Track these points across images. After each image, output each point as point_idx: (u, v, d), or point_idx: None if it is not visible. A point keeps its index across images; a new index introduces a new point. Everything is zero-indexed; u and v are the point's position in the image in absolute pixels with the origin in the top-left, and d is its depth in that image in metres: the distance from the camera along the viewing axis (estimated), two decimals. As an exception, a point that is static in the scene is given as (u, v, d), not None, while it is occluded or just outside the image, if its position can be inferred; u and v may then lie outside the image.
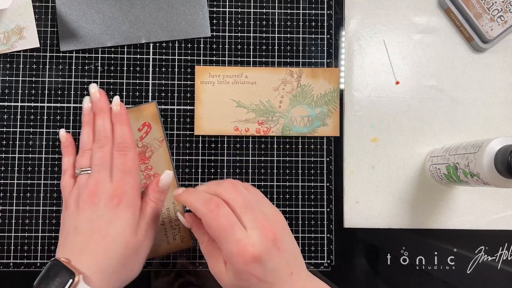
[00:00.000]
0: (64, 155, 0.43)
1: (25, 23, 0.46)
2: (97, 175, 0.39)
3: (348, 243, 0.48)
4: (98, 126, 0.41)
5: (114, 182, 0.39)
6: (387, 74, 0.49)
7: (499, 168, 0.36)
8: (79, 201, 0.38)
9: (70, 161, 0.42)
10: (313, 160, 0.48)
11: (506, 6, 0.47)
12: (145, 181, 0.45)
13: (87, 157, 0.41)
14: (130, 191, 0.39)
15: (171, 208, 0.46)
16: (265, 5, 0.48)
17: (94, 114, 0.43)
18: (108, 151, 0.40)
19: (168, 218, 0.46)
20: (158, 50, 0.48)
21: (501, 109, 0.49)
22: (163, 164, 0.46)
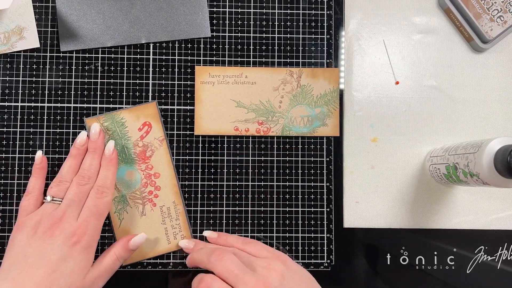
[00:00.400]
0: (33, 176, 0.43)
1: (25, 23, 0.46)
2: (66, 209, 0.39)
3: (348, 243, 0.48)
4: (86, 164, 0.42)
5: (79, 221, 0.39)
6: (387, 74, 0.49)
7: (499, 168, 0.36)
8: (38, 228, 0.38)
9: (37, 184, 0.42)
10: (313, 160, 0.48)
11: (506, 6, 0.47)
12: (146, 180, 0.45)
13: (62, 188, 0.41)
14: (91, 234, 0.39)
15: (171, 207, 0.46)
16: (265, 5, 0.48)
17: (85, 150, 0.43)
18: (86, 190, 0.41)
19: (168, 217, 0.45)
20: (158, 50, 0.48)
21: (501, 109, 0.49)
22: (164, 163, 0.46)
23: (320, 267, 0.47)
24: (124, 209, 0.45)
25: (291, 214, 0.47)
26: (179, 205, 0.46)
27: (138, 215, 0.45)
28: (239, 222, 0.47)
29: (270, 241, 0.47)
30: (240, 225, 0.47)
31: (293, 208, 0.47)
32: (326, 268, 0.47)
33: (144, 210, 0.45)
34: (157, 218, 0.46)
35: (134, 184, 0.45)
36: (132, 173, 0.45)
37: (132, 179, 0.45)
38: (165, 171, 0.46)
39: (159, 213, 0.46)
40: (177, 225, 0.46)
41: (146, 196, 0.45)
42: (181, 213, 0.46)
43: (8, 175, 0.46)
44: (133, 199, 0.45)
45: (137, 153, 0.46)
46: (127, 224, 0.45)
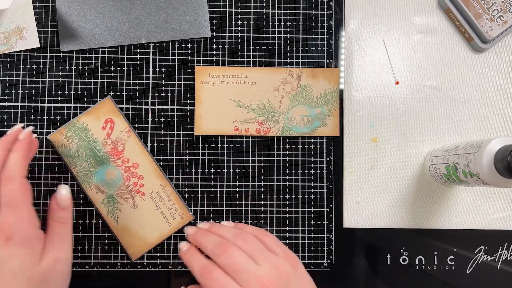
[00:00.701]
0: None
1: (25, 23, 0.46)
2: None
3: (348, 243, 0.48)
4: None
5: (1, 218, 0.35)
6: (387, 74, 0.49)
7: (499, 168, 0.36)
8: None
9: None
10: (313, 160, 0.48)
11: (506, 6, 0.47)
12: (126, 174, 0.45)
13: None
14: (19, 226, 0.35)
15: (160, 191, 0.46)
16: (265, 5, 0.48)
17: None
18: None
19: (161, 201, 0.46)
20: (158, 50, 0.48)
21: (501, 109, 0.49)
22: (138, 152, 0.46)
23: (320, 267, 0.47)
24: (116, 208, 0.45)
25: (291, 214, 0.47)
26: (167, 186, 0.46)
27: (131, 209, 0.46)
28: (239, 222, 0.47)
29: (270, 241, 0.47)
30: (240, 225, 0.47)
31: (293, 208, 0.47)
32: (326, 268, 0.47)
33: (135, 202, 0.46)
34: (150, 206, 0.46)
35: (117, 181, 0.45)
36: (111, 171, 0.45)
37: (113, 178, 0.45)
38: (142, 159, 0.46)
39: (150, 200, 0.46)
40: (171, 205, 0.46)
41: (132, 188, 0.46)
42: (171, 193, 0.46)
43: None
44: (121, 196, 0.45)
45: (109, 151, 0.45)
46: (123, 221, 0.45)
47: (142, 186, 0.46)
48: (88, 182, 0.45)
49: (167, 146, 0.47)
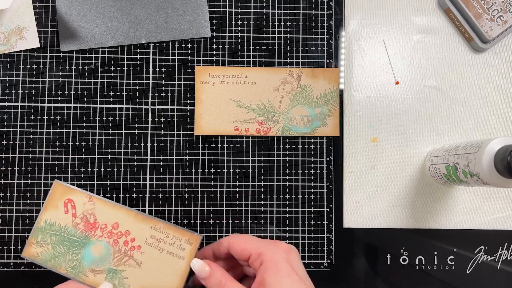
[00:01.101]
0: None
1: (25, 23, 0.46)
2: None
3: (348, 243, 0.48)
4: None
5: None
6: (387, 74, 0.49)
7: (499, 168, 0.36)
8: None
9: None
10: (313, 160, 0.48)
11: (506, 6, 0.47)
12: (112, 238, 0.42)
13: None
14: None
15: (154, 233, 0.42)
16: (265, 5, 0.48)
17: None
18: None
19: (161, 242, 0.42)
20: (158, 50, 0.48)
21: (501, 109, 0.49)
22: (110, 211, 0.42)
23: (320, 267, 0.47)
24: (122, 278, 0.41)
25: (291, 214, 0.47)
26: (157, 223, 0.42)
27: (137, 269, 0.41)
28: (239, 222, 0.47)
29: (270, 241, 0.47)
30: (240, 225, 0.47)
31: (293, 208, 0.47)
32: (326, 268, 0.47)
33: (136, 260, 0.41)
34: (153, 253, 0.41)
35: (107, 252, 0.41)
36: (96, 247, 0.41)
37: (101, 251, 0.41)
38: (118, 215, 0.42)
39: (150, 248, 0.42)
40: (172, 239, 0.42)
41: (126, 249, 0.41)
42: (165, 227, 0.42)
43: (8, 175, 0.46)
44: (119, 263, 0.41)
45: (83, 229, 0.42)
46: (137, 285, 0.41)
47: (133, 241, 0.41)
48: (81, 271, 0.41)
49: (167, 146, 0.47)
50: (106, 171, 0.47)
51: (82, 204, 0.42)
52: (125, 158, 0.47)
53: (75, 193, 0.42)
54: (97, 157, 0.47)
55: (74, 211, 0.41)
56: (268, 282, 0.35)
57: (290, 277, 0.35)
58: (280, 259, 0.36)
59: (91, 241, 0.41)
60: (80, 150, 0.47)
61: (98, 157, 0.47)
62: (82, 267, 0.41)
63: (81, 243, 0.41)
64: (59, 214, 0.42)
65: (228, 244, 0.39)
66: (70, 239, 0.41)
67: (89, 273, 0.41)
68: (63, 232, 0.42)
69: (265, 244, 0.37)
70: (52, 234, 0.41)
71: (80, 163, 0.46)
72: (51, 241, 0.41)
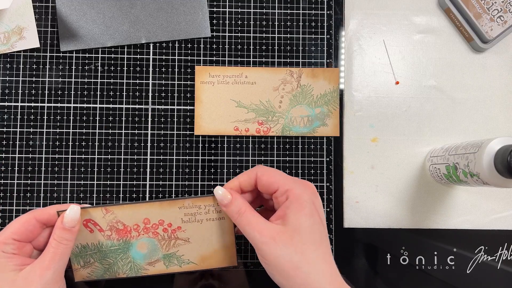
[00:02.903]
0: None
1: (25, 23, 0.46)
2: None
3: (348, 243, 0.48)
4: None
5: None
6: (387, 74, 0.49)
7: (499, 168, 0.36)
8: None
9: None
10: (313, 160, 0.48)
11: (506, 6, 0.47)
12: (150, 232, 0.41)
13: None
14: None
15: (183, 214, 0.41)
16: (265, 5, 0.48)
17: None
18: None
19: (196, 215, 0.41)
20: (158, 50, 0.48)
21: (501, 109, 0.49)
22: (132, 212, 0.40)
23: (320, 267, 0.47)
24: (179, 257, 0.42)
25: (291, 214, 0.47)
26: (184, 201, 0.40)
27: (189, 244, 0.42)
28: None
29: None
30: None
31: (293, 208, 0.47)
32: (326, 268, 0.47)
33: (183, 238, 0.41)
34: (196, 227, 0.41)
35: (153, 244, 0.41)
36: (140, 245, 0.41)
37: (148, 246, 0.41)
38: (143, 212, 0.41)
39: (190, 224, 0.41)
40: (205, 208, 0.41)
41: (169, 235, 0.41)
42: (192, 201, 0.40)
43: (8, 175, 0.46)
44: (169, 247, 0.41)
45: (117, 237, 0.41)
46: (195, 256, 0.42)
47: (171, 225, 0.41)
48: (139, 269, 0.42)
49: (167, 146, 0.47)
50: (106, 171, 0.47)
51: (102, 218, 0.40)
52: (125, 158, 0.47)
53: (88, 212, 0.40)
54: (97, 157, 0.47)
55: (99, 227, 0.40)
56: (289, 217, 0.35)
57: (312, 217, 0.35)
58: (306, 199, 0.36)
59: (132, 243, 0.41)
60: (80, 150, 0.47)
61: (98, 157, 0.47)
62: (138, 265, 0.42)
63: (124, 248, 0.41)
64: (85, 236, 0.40)
65: (256, 175, 0.38)
66: (111, 250, 0.41)
67: (148, 266, 0.42)
68: (100, 248, 0.41)
69: (293, 181, 0.37)
70: (92, 254, 0.41)
71: (80, 163, 0.46)
72: (94, 259, 0.41)
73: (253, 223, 0.36)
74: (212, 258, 0.42)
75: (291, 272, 0.34)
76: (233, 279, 0.47)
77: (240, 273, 0.47)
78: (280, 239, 0.35)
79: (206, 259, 0.42)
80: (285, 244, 0.34)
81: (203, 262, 0.42)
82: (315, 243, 0.35)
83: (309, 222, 0.35)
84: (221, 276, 0.47)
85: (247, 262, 0.47)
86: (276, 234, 0.35)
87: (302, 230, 0.35)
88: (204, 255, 0.42)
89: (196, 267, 0.42)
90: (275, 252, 0.34)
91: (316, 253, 0.35)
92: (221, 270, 0.46)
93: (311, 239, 0.35)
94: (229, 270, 0.47)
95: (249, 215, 0.37)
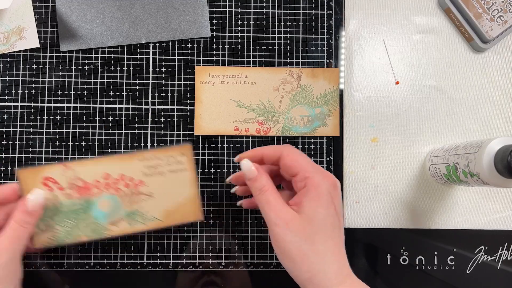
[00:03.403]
0: None
1: (25, 23, 0.46)
2: None
3: (348, 243, 0.47)
4: None
5: None
6: (387, 74, 0.49)
7: (499, 168, 0.36)
8: None
9: None
10: (313, 160, 0.48)
11: (506, 6, 0.47)
12: (112, 188, 0.40)
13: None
14: None
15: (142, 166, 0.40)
16: (265, 5, 0.48)
17: None
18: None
19: (156, 167, 0.40)
20: (158, 50, 0.48)
21: (501, 109, 0.49)
22: (92, 167, 0.40)
23: (320, 267, 0.47)
24: (142, 214, 0.41)
25: (291, 214, 0.47)
26: (144, 154, 0.40)
27: (152, 199, 0.41)
28: (239, 222, 0.47)
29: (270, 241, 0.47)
30: (240, 225, 0.47)
31: (293, 208, 0.47)
32: (326, 268, 0.47)
33: (146, 193, 0.41)
34: (158, 180, 0.41)
35: (115, 201, 0.40)
36: (101, 203, 0.40)
37: (110, 203, 0.40)
38: (103, 167, 0.40)
39: (152, 178, 0.41)
40: (167, 160, 0.40)
41: (130, 190, 0.40)
42: (153, 153, 0.40)
43: (8, 175, 0.46)
44: (132, 203, 0.41)
45: (78, 195, 0.40)
46: (158, 212, 0.41)
47: (132, 180, 0.40)
48: (102, 230, 0.41)
49: (167, 146, 0.47)
50: (106, 171, 0.47)
51: (62, 176, 0.39)
52: (125, 158, 0.47)
53: (47, 169, 0.39)
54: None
55: (59, 185, 0.39)
56: (304, 206, 0.35)
57: (327, 209, 0.35)
58: (324, 189, 0.36)
59: (93, 201, 0.40)
60: (80, 150, 0.47)
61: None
62: (101, 226, 0.40)
63: (86, 207, 0.40)
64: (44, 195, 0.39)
65: (281, 154, 0.38)
66: (72, 210, 0.40)
67: (111, 227, 0.40)
68: (60, 208, 0.39)
69: (314, 170, 0.37)
70: (52, 216, 0.39)
71: (80, 163, 0.46)
72: (55, 221, 0.40)
73: (272, 204, 0.36)
74: (176, 212, 0.41)
75: (298, 259, 0.34)
76: (235, 277, 0.47)
77: (243, 273, 0.47)
78: (293, 225, 0.35)
79: (170, 214, 0.41)
80: (296, 232, 0.35)
81: (167, 217, 0.41)
82: (326, 235, 0.35)
83: (324, 214, 0.35)
84: (223, 274, 0.47)
85: (247, 262, 0.47)
86: (290, 219, 0.35)
87: (316, 220, 0.35)
88: (168, 209, 0.41)
89: (161, 223, 0.41)
90: (286, 237, 0.35)
91: (326, 244, 0.35)
92: (221, 270, 0.46)
93: (322, 231, 0.35)
94: (230, 270, 0.47)
95: (270, 195, 0.37)
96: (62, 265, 0.45)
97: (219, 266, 0.46)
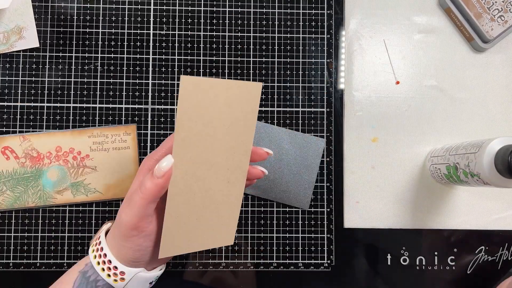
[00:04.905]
0: None
1: (24, 23, 0.46)
2: None
3: (348, 243, 0.47)
4: None
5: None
6: (387, 74, 0.49)
7: (499, 168, 0.36)
8: None
9: None
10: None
11: (506, 6, 0.47)
12: (61, 160, 0.45)
13: None
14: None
15: (90, 143, 0.45)
16: (265, 5, 0.48)
17: None
18: None
19: (106, 143, 0.46)
20: (158, 50, 0.48)
21: (502, 109, 0.49)
22: (46, 139, 0.45)
23: (320, 267, 0.47)
24: (85, 185, 0.45)
25: (291, 214, 0.47)
26: (93, 131, 0.45)
27: (95, 173, 0.45)
28: (239, 222, 0.47)
29: (270, 241, 0.47)
30: (240, 225, 0.47)
31: (294, 208, 0.47)
32: (326, 269, 0.47)
33: (91, 167, 0.45)
34: (102, 156, 0.45)
35: (63, 171, 0.45)
36: (50, 172, 0.45)
37: (58, 173, 0.45)
38: (56, 140, 0.45)
39: (97, 153, 0.45)
40: (112, 137, 0.46)
41: (77, 163, 0.45)
42: (101, 130, 0.45)
43: (8, 175, 0.46)
44: (77, 175, 0.45)
45: (31, 164, 0.44)
46: (100, 185, 0.45)
47: (80, 153, 0.45)
48: (48, 197, 0.45)
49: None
50: (106, 171, 0.47)
51: (19, 146, 0.44)
52: (125, 158, 0.47)
53: (7, 139, 0.44)
54: (97, 157, 0.47)
55: (15, 154, 0.44)
56: None
57: None
58: None
59: (43, 170, 0.44)
60: (80, 150, 0.46)
61: (98, 157, 0.47)
62: (47, 193, 0.45)
63: (36, 176, 0.44)
64: (1, 163, 0.44)
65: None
66: (23, 178, 0.44)
67: (56, 195, 0.45)
68: (13, 175, 0.44)
69: None
70: (5, 181, 0.44)
71: (80, 163, 0.46)
72: (7, 187, 0.44)
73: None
74: (116, 187, 0.45)
75: None
76: (235, 278, 0.47)
77: (243, 273, 0.47)
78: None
79: (110, 189, 0.45)
80: None
81: (108, 191, 0.45)
82: None
83: None
84: (223, 274, 0.47)
85: (247, 262, 0.47)
86: None
87: None
88: (109, 184, 0.45)
89: (101, 196, 0.45)
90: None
91: None
92: (221, 270, 0.46)
93: None
94: (231, 270, 0.47)
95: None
96: (62, 266, 0.45)
97: (219, 266, 0.46)
